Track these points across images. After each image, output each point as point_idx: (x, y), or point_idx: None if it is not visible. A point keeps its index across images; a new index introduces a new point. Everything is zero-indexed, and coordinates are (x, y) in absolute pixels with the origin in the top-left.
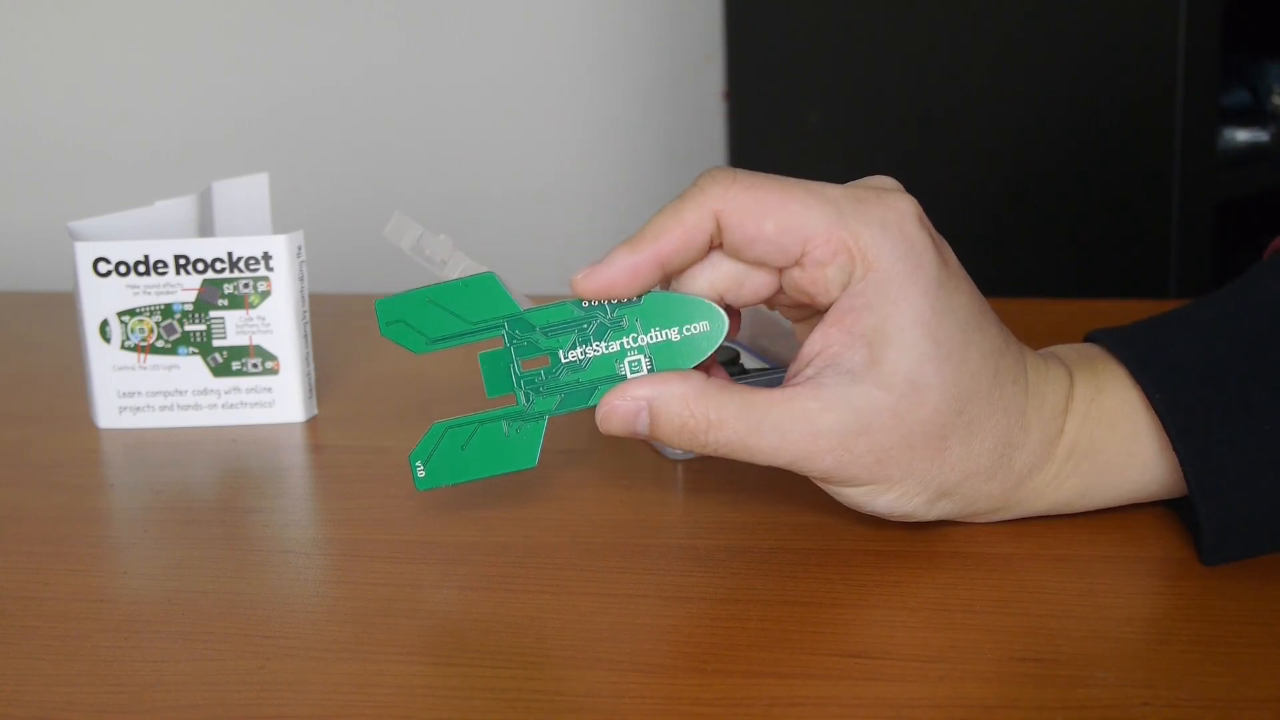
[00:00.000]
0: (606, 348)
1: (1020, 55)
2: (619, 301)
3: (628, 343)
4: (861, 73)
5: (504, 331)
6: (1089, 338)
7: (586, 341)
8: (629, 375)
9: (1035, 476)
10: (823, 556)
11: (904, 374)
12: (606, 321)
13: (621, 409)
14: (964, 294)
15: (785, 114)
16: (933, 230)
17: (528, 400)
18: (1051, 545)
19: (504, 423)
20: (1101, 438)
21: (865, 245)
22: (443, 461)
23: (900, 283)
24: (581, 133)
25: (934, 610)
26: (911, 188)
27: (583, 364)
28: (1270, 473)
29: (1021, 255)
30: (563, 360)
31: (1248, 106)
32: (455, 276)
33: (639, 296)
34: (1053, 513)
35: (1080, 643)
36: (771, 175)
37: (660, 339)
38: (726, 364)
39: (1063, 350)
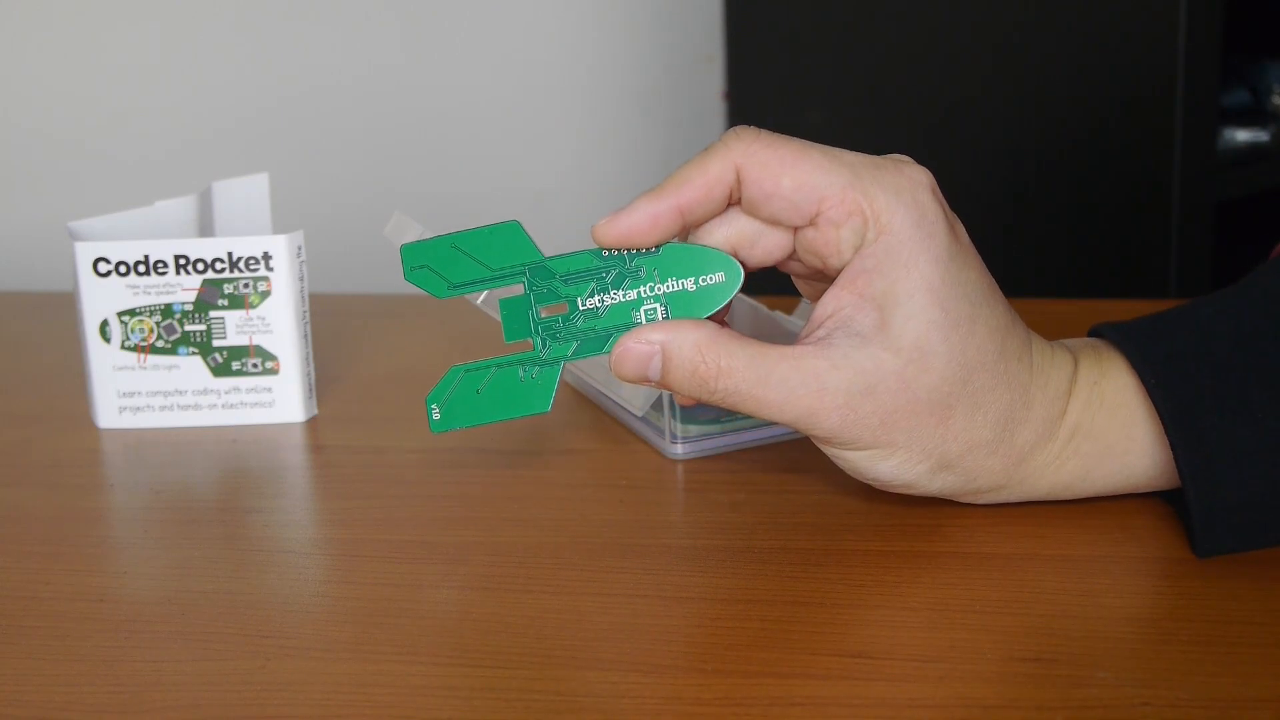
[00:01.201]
0: (624, 296)
1: (1020, 55)
2: (638, 251)
3: (644, 291)
4: (861, 73)
5: (525, 278)
6: (1093, 332)
7: (605, 290)
8: (644, 324)
9: (1037, 455)
10: (823, 556)
11: (912, 339)
12: (625, 270)
13: (635, 351)
14: (974, 269)
15: (785, 114)
16: (945, 204)
17: (544, 346)
18: (1051, 545)
19: (520, 368)
20: (1103, 421)
21: (879, 209)
22: (458, 404)
23: (912, 248)
24: (581, 133)
25: (934, 610)
26: None
27: (600, 311)
28: (1263, 465)
29: (1021, 255)
30: (580, 308)
31: (1248, 106)
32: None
33: (657, 247)
34: (1052, 497)
35: (1080, 643)
36: (794, 138)
37: (676, 289)
38: None
39: (1068, 340)
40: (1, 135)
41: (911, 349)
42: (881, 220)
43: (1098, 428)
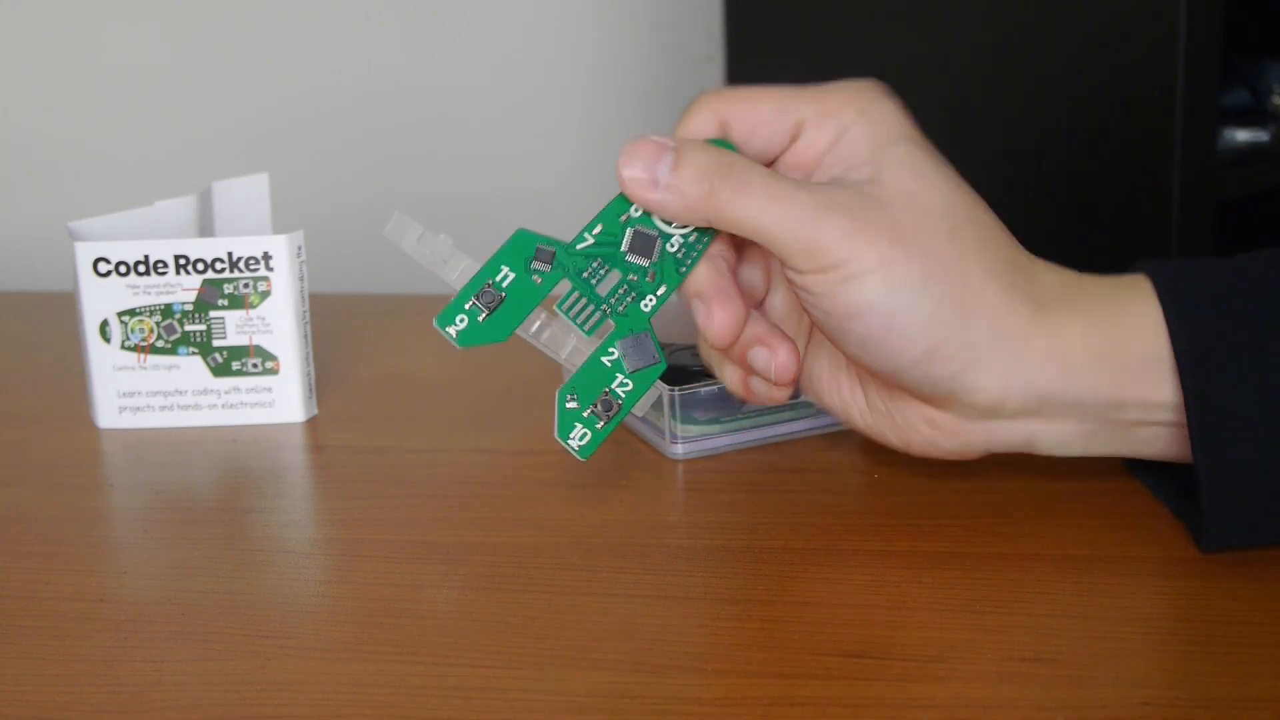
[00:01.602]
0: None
1: (1020, 55)
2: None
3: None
4: (861, 73)
5: (565, 275)
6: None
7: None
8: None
9: (1053, 311)
10: (823, 556)
11: (910, 172)
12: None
13: (647, 145)
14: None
15: None
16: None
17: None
18: (1051, 545)
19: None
20: (1115, 314)
21: (851, 101)
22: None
23: (891, 121)
24: (581, 133)
25: (934, 610)
26: None
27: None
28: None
29: None
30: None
31: (1248, 106)
32: (455, 276)
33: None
34: (1065, 382)
35: (1080, 643)
36: None
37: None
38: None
39: None
40: (1, 135)
41: (911, 178)
42: (857, 108)
43: (1111, 326)
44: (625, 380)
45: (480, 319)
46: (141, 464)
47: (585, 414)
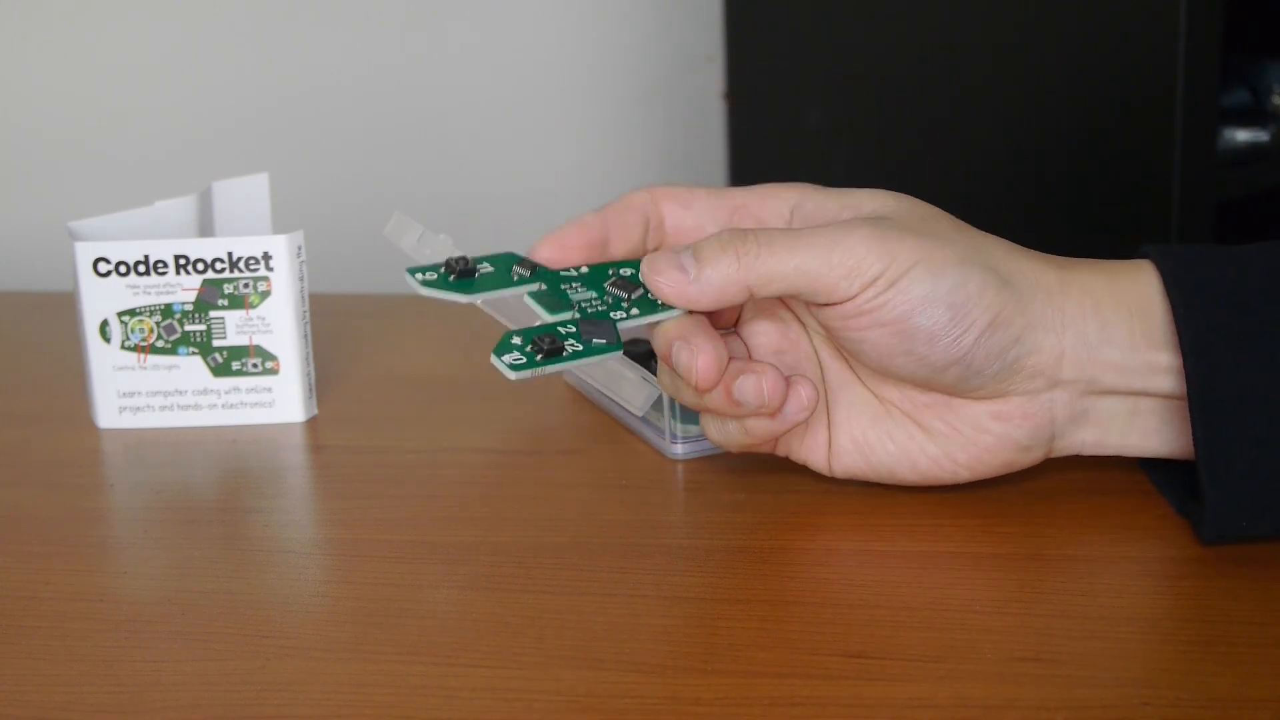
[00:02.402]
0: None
1: (1020, 55)
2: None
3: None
4: (861, 73)
5: (541, 280)
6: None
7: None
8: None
9: (1076, 269)
10: (823, 556)
11: (887, 203)
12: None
13: (661, 256)
14: None
15: (785, 114)
16: None
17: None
18: (1051, 545)
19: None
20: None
21: (795, 189)
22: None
23: (833, 193)
24: (581, 133)
25: (934, 610)
26: (911, 187)
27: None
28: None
29: None
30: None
31: (1248, 106)
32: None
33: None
34: (1103, 333)
35: (1080, 643)
36: None
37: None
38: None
39: None
40: (1, 135)
41: (890, 199)
42: (797, 190)
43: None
44: (576, 343)
45: (450, 279)
46: (141, 464)
47: (527, 348)
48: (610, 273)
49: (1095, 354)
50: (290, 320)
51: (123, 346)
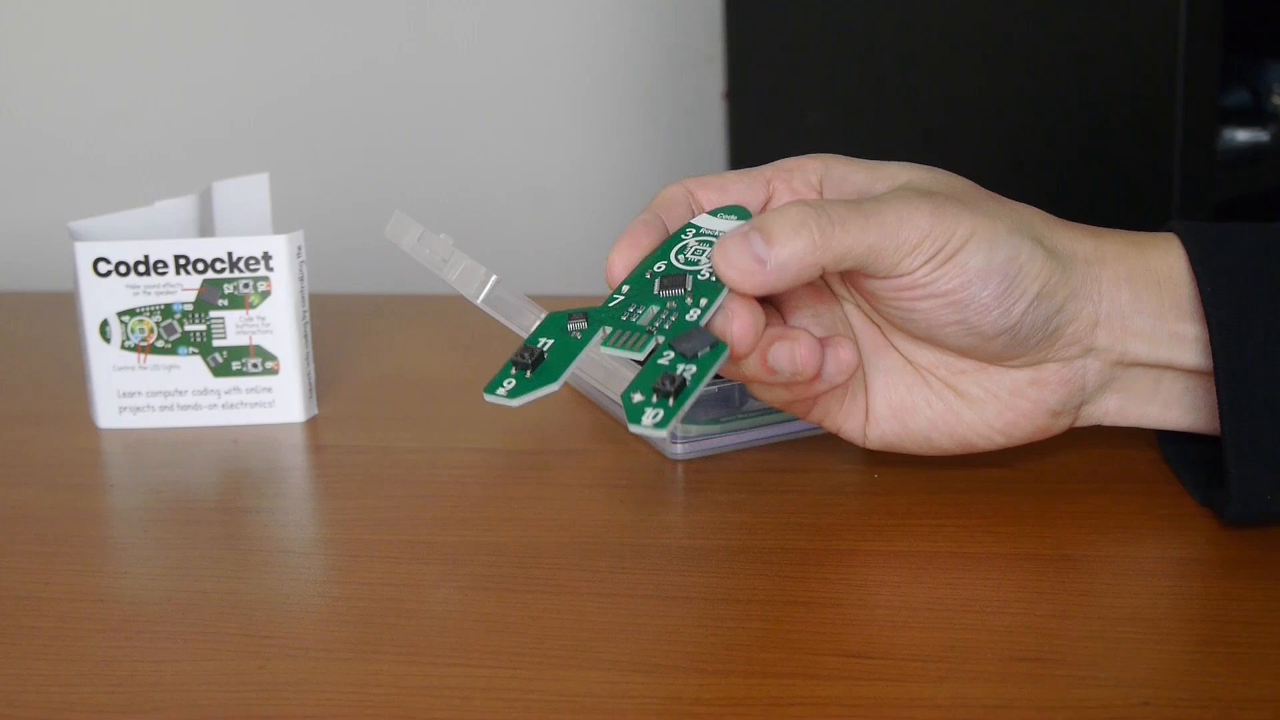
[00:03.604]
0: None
1: (1020, 55)
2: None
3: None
4: (861, 73)
5: (603, 324)
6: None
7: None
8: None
9: (1105, 237)
10: (823, 556)
11: (922, 176)
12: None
13: (728, 242)
14: None
15: (785, 114)
16: None
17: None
18: (1051, 545)
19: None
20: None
21: (818, 159)
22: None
23: (861, 159)
24: (581, 133)
25: (934, 610)
26: None
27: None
28: None
29: None
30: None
31: (1248, 106)
32: (455, 276)
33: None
34: (1136, 303)
35: (1080, 643)
36: None
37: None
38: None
39: None
40: (1, 135)
41: (923, 173)
42: (820, 160)
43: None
44: (689, 366)
45: (527, 376)
46: (141, 464)
47: (653, 400)
48: (647, 278)
49: (1127, 323)
50: (290, 320)
51: (123, 346)
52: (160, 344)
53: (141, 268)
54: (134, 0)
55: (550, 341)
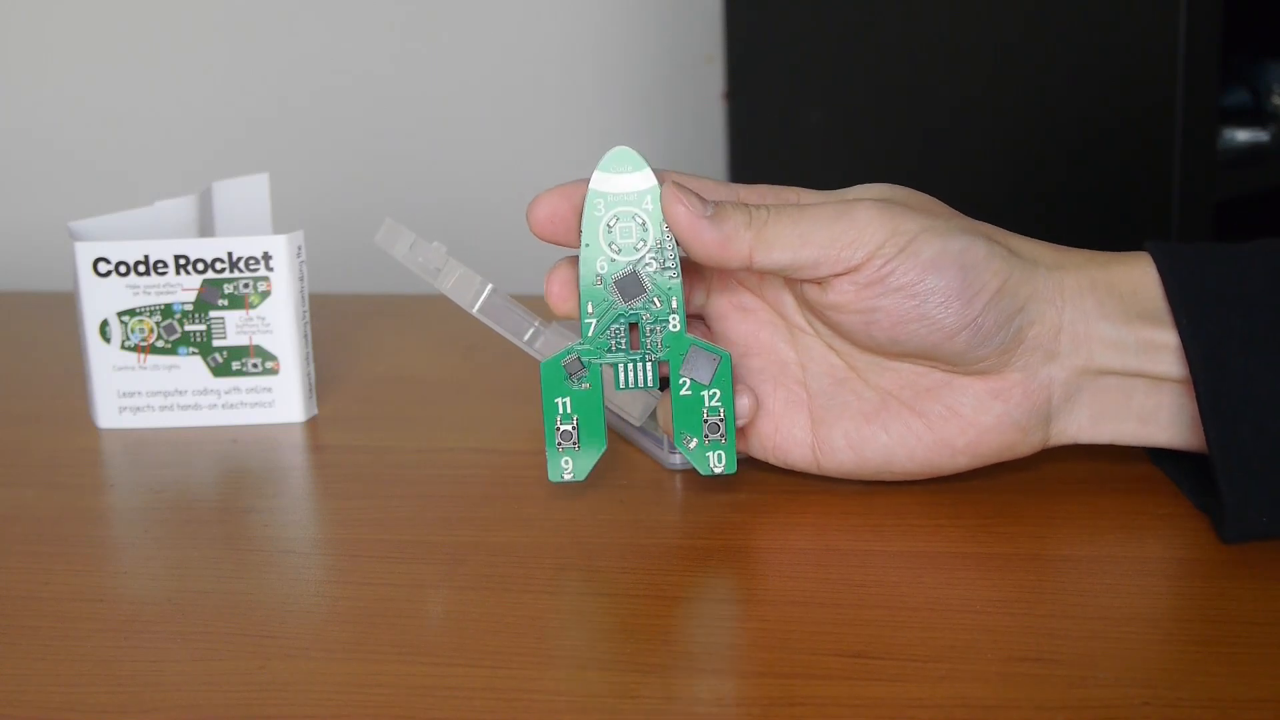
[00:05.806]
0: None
1: (1020, 55)
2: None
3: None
4: (862, 72)
5: (602, 361)
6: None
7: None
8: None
9: (1068, 251)
10: (823, 556)
11: (881, 190)
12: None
13: (685, 188)
14: None
15: (785, 114)
16: None
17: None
18: (1051, 545)
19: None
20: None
21: (792, 189)
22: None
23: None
24: (582, 134)
25: (934, 610)
26: (911, 187)
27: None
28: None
29: None
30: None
31: (1248, 106)
32: (449, 286)
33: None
34: (1101, 310)
35: (1080, 643)
36: None
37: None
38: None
39: None
40: (1, 136)
41: (884, 188)
42: (796, 191)
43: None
44: (712, 391)
45: (576, 451)
46: (141, 464)
47: (707, 443)
48: (599, 287)
49: (1092, 329)
50: (290, 320)
51: (123, 346)
52: (160, 344)
53: (141, 268)
54: (134, 1)
55: (568, 400)
